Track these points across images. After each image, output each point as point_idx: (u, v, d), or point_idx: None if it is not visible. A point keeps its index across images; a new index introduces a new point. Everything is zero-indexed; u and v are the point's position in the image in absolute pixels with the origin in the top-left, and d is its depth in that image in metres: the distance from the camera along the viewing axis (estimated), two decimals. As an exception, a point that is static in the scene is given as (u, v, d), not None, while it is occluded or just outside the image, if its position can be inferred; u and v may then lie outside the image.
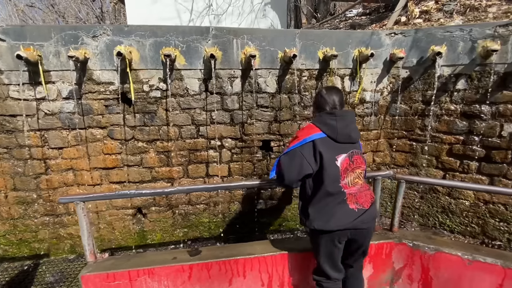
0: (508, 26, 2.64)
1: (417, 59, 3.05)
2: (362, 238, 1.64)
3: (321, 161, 1.52)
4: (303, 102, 3.15)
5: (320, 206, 1.58)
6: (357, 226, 1.57)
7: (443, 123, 3.07)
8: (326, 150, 1.53)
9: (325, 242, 1.62)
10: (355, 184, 1.60)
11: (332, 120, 1.56)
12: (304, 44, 2.97)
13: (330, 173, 1.54)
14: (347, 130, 1.57)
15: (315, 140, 1.54)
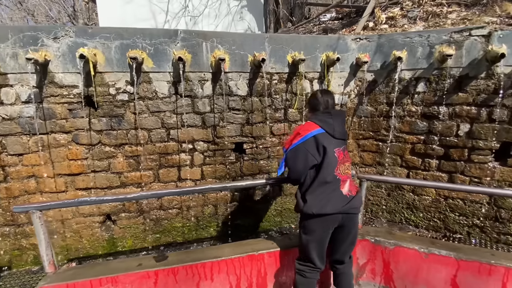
0: (462, 32, 2.84)
1: (381, 63, 3.20)
2: (351, 223, 1.80)
3: (324, 153, 1.70)
4: (274, 105, 3.21)
5: (318, 192, 1.73)
6: (348, 211, 1.74)
7: (405, 124, 3.24)
8: (328, 143, 1.71)
9: (319, 226, 1.75)
10: (346, 173, 1.80)
11: (329, 118, 1.76)
12: (273, 48, 3.02)
13: (330, 164, 1.71)
14: (341, 127, 1.78)
15: (316, 135, 1.71)
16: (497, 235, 3.04)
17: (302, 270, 1.88)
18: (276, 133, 3.29)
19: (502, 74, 2.69)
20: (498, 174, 2.90)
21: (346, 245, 1.87)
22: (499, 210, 2.97)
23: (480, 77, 2.80)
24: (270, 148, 3.32)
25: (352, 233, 1.84)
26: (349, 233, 1.83)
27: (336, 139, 1.75)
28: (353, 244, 1.91)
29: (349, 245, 1.89)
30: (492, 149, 2.88)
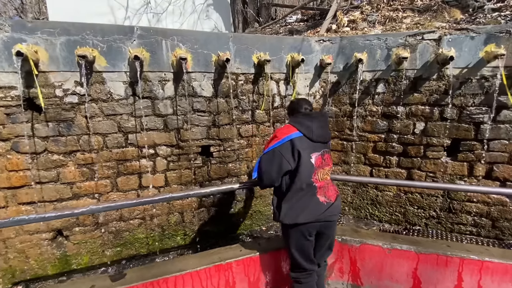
0: (416, 36, 3.01)
1: (343, 65, 3.28)
2: (329, 230, 1.77)
3: (299, 159, 1.62)
4: (241, 106, 3.13)
5: (293, 201, 1.67)
6: (326, 219, 1.69)
7: (367, 123, 3.36)
8: (303, 148, 1.63)
9: (297, 235, 1.71)
10: (324, 179, 1.74)
11: (308, 121, 1.69)
12: (238, 48, 2.95)
13: (305, 170, 1.64)
14: (321, 130, 1.70)
15: (293, 139, 1.64)
16: (451, 225, 3.28)
17: (296, 277, 1.85)
18: (244, 135, 3.22)
19: (451, 75, 2.90)
20: (450, 168, 3.12)
21: (323, 250, 1.88)
22: (452, 202, 3.20)
23: (432, 79, 2.99)
24: (238, 151, 3.24)
25: (330, 239, 1.84)
26: (327, 240, 1.83)
27: (314, 142, 1.68)
28: (331, 249, 1.93)
29: (326, 250, 1.90)
30: (444, 145, 3.09)
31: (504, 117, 2.83)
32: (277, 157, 1.64)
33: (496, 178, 2.99)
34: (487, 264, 1.92)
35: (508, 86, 2.74)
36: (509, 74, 2.73)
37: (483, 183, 3.03)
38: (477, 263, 1.94)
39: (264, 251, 2.06)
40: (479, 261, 1.93)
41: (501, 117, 2.84)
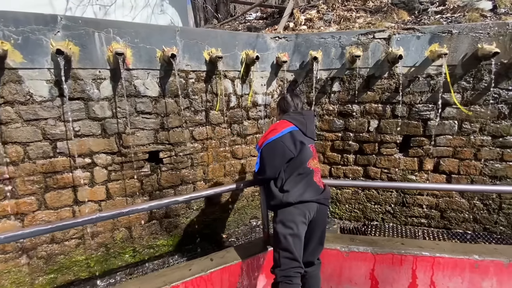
0: (367, 35, 3.03)
1: (300, 63, 3.21)
2: (322, 217, 1.78)
3: (301, 147, 1.75)
4: (193, 107, 2.88)
5: (296, 182, 1.73)
6: (322, 201, 1.75)
7: (325, 122, 3.34)
8: (303, 139, 1.77)
9: (298, 216, 1.68)
10: (316, 167, 1.84)
11: (301, 117, 1.83)
12: (187, 44, 2.69)
13: (305, 157, 1.76)
14: (312, 127, 1.85)
15: (292, 131, 1.77)
16: (405, 218, 3.40)
17: (286, 276, 1.63)
18: (198, 138, 2.98)
19: (400, 74, 2.98)
20: (402, 164, 3.23)
21: (315, 243, 1.81)
22: (405, 196, 3.32)
23: (384, 77, 3.05)
24: (192, 155, 2.98)
25: (321, 230, 1.81)
26: (319, 229, 1.79)
27: (307, 137, 1.81)
28: (322, 244, 1.85)
29: (317, 244, 1.83)
30: (397, 142, 3.18)
31: (448, 114, 2.98)
32: (280, 147, 1.73)
33: (443, 172, 3.15)
34: (438, 260, 1.95)
35: (452, 84, 2.88)
36: (452, 73, 2.87)
37: (432, 177, 3.18)
38: (429, 259, 1.96)
39: (217, 266, 1.87)
40: (431, 257, 1.96)
41: (445, 114, 2.99)
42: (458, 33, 2.78)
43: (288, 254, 1.65)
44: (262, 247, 2.09)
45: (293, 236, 1.66)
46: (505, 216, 3.12)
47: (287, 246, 1.65)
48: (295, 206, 1.69)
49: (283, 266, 1.65)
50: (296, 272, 1.66)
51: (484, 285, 1.94)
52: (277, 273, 1.67)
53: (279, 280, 1.64)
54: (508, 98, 2.83)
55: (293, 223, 1.67)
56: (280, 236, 1.68)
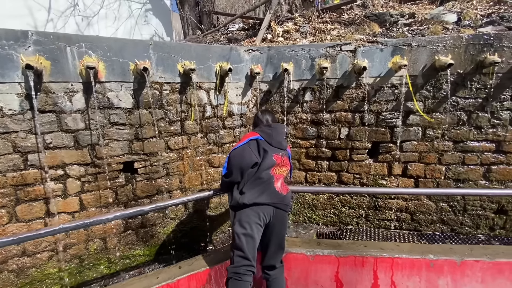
0: (335, 47, 3.20)
1: (273, 74, 3.34)
2: (280, 223, 1.88)
3: (264, 154, 1.89)
4: (168, 117, 2.95)
5: (253, 186, 1.85)
6: (279, 206, 1.86)
7: (299, 130, 3.46)
8: (266, 147, 1.91)
9: (252, 217, 1.80)
10: (280, 174, 1.95)
11: (269, 130, 2.00)
12: (160, 57, 2.78)
13: (268, 164, 1.88)
14: (278, 138, 1.99)
15: (258, 139, 1.94)
16: (378, 222, 3.52)
17: (236, 273, 1.75)
18: (174, 147, 3.04)
19: (367, 84, 3.14)
20: (373, 169, 3.37)
21: (274, 246, 1.89)
22: (377, 200, 3.45)
23: (351, 87, 3.20)
24: (168, 165, 3.03)
25: (281, 234, 1.90)
26: (278, 233, 1.88)
27: (273, 147, 1.94)
28: (282, 248, 1.94)
29: (277, 248, 1.91)
30: (366, 148, 3.32)
31: (412, 121, 3.15)
32: (247, 151, 1.89)
33: (411, 176, 3.31)
34: (397, 261, 2.05)
35: (414, 93, 3.07)
36: (414, 82, 3.06)
37: (400, 181, 3.33)
38: (389, 260, 2.06)
39: (185, 274, 1.91)
40: (390, 258, 2.06)
41: (409, 121, 3.16)
42: (417, 45, 2.98)
43: (240, 252, 1.77)
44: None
45: (246, 235, 1.77)
46: (469, 217, 3.28)
47: (240, 245, 1.77)
48: (250, 207, 1.81)
49: (235, 264, 1.77)
50: (246, 269, 1.76)
51: (440, 283, 2.05)
52: (228, 270, 1.79)
53: (229, 277, 1.76)
54: (466, 105, 3.02)
55: (247, 223, 1.79)
56: (235, 235, 1.81)
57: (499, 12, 4.40)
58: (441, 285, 2.05)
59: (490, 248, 2.12)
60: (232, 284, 1.74)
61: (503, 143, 3.03)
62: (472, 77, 2.93)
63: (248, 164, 1.86)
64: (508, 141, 3.02)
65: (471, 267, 2.00)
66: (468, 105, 3.01)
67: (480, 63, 2.86)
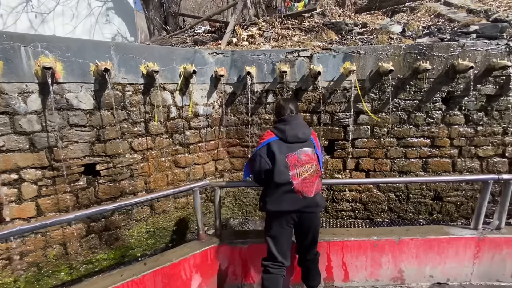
0: (294, 53, 3.45)
1: (237, 76, 3.50)
2: (308, 221, 1.96)
3: (274, 159, 1.88)
4: (131, 118, 2.95)
5: (273, 193, 1.90)
6: (302, 210, 1.91)
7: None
8: (279, 150, 1.89)
9: (276, 223, 1.94)
10: (302, 176, 1.89)
11: (283, 125, 1.97)
12: (123, 58, 2.79)
13: (280, 168, 1.87)
14: (294, 131, 1.94)
15: (270, 142, 1.93)
16: (336, 213, 3.84)
17: (266, 266, 2.01)
18: (138, 148, 3.04)
19: (322, 87, 3.44)
20: (330, 165, 3.67)
21: (307, 242, 2.04)
22: (334, 193, 3.77)
23: (309, 90, 3.48)
24: (132, 166, 3.03)
25: (311, 231, 2.01)
26: (308, 231, 2.00)
27: (290, 143, 1.92)
28: (315, 242, 2.07)
29: (310, 243, 2.05)
30: (324, 146, 3.62)
31: (362, 120, 3.51)
32: (258, 158, 1.94)
33: (362, 170, 3.67)
34: (346, 243, 2.32)
35: (362, 95, 3.42)
36: (362, 86, 3.42)
37: (354, 175, 3.67)
38: (339, 243, 2.31)
39: (150, 269, 1.97)
40: (341, 241, 2.32)
41: (360, 120, 3.52)
42: (364, 53, 3.34)
43: (269, 251, 2.01)
44: (197, 247, 2.25)
45: (272, 237, 1.99)
46: (412, 205, 3.73)
47: (269, 245, 2.01)
48: (273, 215, 1.96)
49: (267, 258, 2.04)
50: (275, 265, 2.00)
51: (383, 260, 2.35)
52: (262, 262, 2.06)
53: (262, 267, 2.04)
54: (405, 106, 3.45)
55: (271, 228, 1.99)
56: (265, 237, 2.04)
57: (437, 24, 5.04)
58: (384, 262, 2.36)
59: (422, 228, 2.48)
60: (265, 275, 2.01)
61: (436, 139, 3.51)
62: (410, 82, 3.37)
63: (260, 170, 1.93)
64: (440, 137, 3.51)
65: (407, 244, 2.33)
66: (407, 106, 3.44)
67: (415, 70, 3.29)
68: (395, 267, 2.36)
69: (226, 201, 3.90)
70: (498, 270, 2.34)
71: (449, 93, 3.37)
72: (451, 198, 3.67)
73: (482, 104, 3.37)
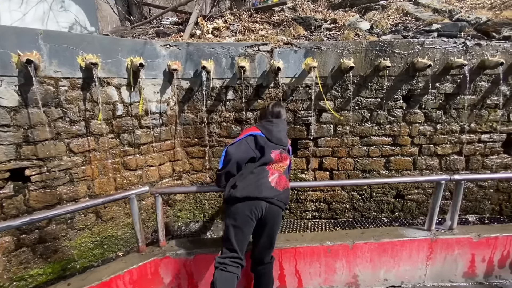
0: (253, 47, 3.26)
1: (193, 71, 3.25)
2: (273, 216, 1.87)
3: (261, 151, 1.92)
4: (68, 117, 2.63)
5: (246, 180, 1.86)
6: (271, 200, 1.83)
7: (223, 129, 3.45)
8: (264, 144, 1.94)
9: (243, 210, 1.81)
10: (277, 169, 1.95)
11: (270, 125, 2.03)
12: (54, 48, 2.45)
13: (264, 160, 1.90)
14: (279, 134, 2.02)
15: (257, 136, 1.96)
16: (300, 213, 3.74)
17: (223, 263, 1.82)
18: (78, 150, 2.73)
19: (284, 84, 3.29)
20: (293, 164, 3.55)
21: (266, 243, 1.93)
22: (298, 193, 3.66)
23: (270, 86, 3.31)
24: (71, 170, 2.71)
25: (272, 230, 1.91)
26: (270, 229, 1.90)
27: (272, 143, 1.97)
28: (272, 244, 1.97)
29: (268, 244, 1.94)
30: (287, 145, 3.48)
31: (325, 118, 3.41)
32: (244, 145, 1.93)
33: (326, 169, 3.59)
34: (299, 250, 2.20)
35: (324, 93, 3.31)
36: (324, 83, 3.30)
37: (317, 174, 3.59)
38: (292, 250, 2.19)
39: (74, 291, 1.73)
40: (293, 248, 2.19)
41: (322, 119, 3.41)
42: (326, 49, 3.22)
43: (229, 244, 1.84)
44: (135, 261, 2.02)
45: (235, 227, 1.83)
46: (375, 203, 3.72)
47: (229, 236, 1.83)
48: (241, 201, 1.82)
49: (223, 255, 1.85)
50: (233, 261, 1.81)
51: (337, 266, 2.26)
52: (216, 260, 1.85)
53: (216, 266, 1.82)
54: (368, 104, 3.39)
55: (238, 215, 1.83)
56: (225, 227, 1.88)
57: (404, 23, 5.06)
58: (338, 267, 2.26)
59: (378, 230, 2.42)
60: (218, 274, 1.78)
61: (398, 137, 3.50)
62: (371, 79, 3.30)
63: (245, 158, 1.90)
64: (401, 135, 3.49)
65: (361, 249, 2.25)
66: (369, 104, 3.39)
67: (377, 67, 3.23)
68: (350, 272, 2.28)
69: (186, 204, 3.67)
70: (450, 271, 2.33)
71: (409, 91, 3.35)
72: (412, 196, 3.69)
73: (440, 103, 3.38)
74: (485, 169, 3.59)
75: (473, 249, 2.27)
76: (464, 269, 2.32)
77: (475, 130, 3.46)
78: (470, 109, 3.38)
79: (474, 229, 2.34)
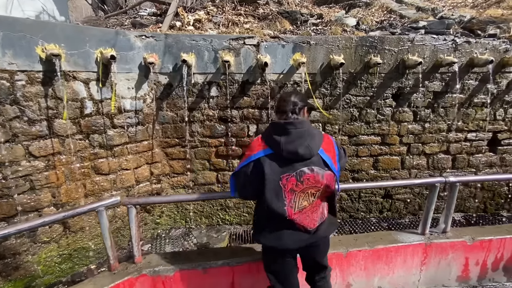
0: (238, 40, 3.03)
1: (173, 65, 2.98)
2: (312, 253, 1.61)
3: (263, 181, 1.37)
4: (26, 116, 2.29)
5: (267, 225, 1.48)
6: (304, 246, 1.50)
7: (206, 128, 3.21)
8: (270, 169, 1.37)
9: (274, 258, 1.60)
10: (301, 207, 1.43)
11: (277, 133, 1.39)
12: (8, 36, 2.11)
13: (272, 195, 1.38)
14: (293, 145, 1.36)
15: (261, 158, 1.39)
16: (288, 216, 3.59)
17: None
18: (39, 154, 2.40)
19: (271, 80, 3.09)
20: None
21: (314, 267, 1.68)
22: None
23: (257, 83, 3.11)
24: (32, 176, 2.39)
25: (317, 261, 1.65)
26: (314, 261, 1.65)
27: (285, 159, 1.37)
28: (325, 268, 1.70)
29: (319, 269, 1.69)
30: (274, 145, 3.31)
31: (313, 117, 3.26)
32: (242, 178, 1.45)
33: (315, 170, 3.45)
34: (290, 261, 2.02)
35: (313, 90, 3.16)
36: (313, 80, 3.15)
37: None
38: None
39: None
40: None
41: (311, 117, 3.26)
42: (315, 44, 3.06)
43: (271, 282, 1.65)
44: (106, 282, 1.77)
45: (272, 273, 1.63)
46: (364, 203, 3.64)
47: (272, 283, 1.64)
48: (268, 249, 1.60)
49: None
50: None
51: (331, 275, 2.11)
52: None
53: None
54: (357, 103, 3.28)
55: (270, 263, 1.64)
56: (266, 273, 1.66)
57: (389, 20, 5.01)
58: (332, 277, 2.12)
59: (371, 235, 2.30)
60: None
61: (387, 136, 3.42)
62: (361, 77, 3.18)
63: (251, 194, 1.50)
64: (390, 134, 3.42)
65: (355, 257, 2.12)
66: (359, 102, 3.27)
67: (367, 64, 3.11)
68: (343, 281, 2.15)
69: (166, 209, 3.41)
70: (444, 275, 2.26)
71: (399, 89, 3.27)
72: (400, 196, 3.65)
73: (429, 101, 3.33)
74: (471, 167, 3.61)
75: (467, 253, 2.21)
76: (458, 273, 2.27)
77: (462, 129, 3.45)
78: (458, 108, 3.36)
79: (468, 232, 2.28)
